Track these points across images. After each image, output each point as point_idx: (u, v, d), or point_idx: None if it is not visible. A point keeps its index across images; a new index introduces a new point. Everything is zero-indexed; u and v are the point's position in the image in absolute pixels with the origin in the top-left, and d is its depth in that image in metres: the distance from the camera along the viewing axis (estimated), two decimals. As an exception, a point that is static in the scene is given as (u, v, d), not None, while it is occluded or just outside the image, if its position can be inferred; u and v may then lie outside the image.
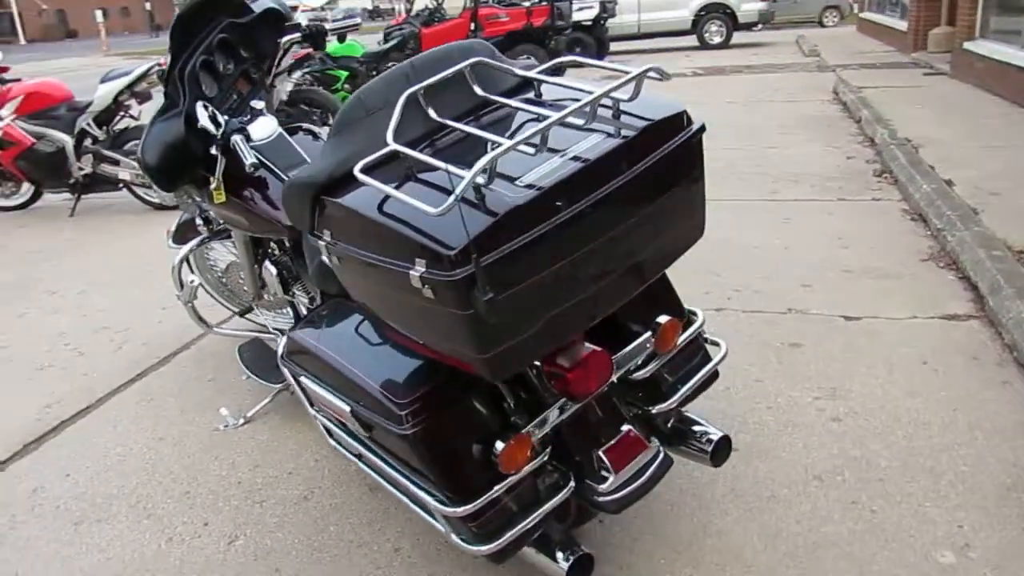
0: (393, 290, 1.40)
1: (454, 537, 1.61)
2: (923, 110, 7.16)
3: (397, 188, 1.38)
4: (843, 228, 4.31)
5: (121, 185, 5.55)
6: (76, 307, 3.95)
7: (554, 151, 1.42)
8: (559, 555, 1.64)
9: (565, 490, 1.66)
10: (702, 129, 1.55)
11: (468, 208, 1.30)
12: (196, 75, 2.39)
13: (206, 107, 2.31)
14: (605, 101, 1.48)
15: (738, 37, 16.15)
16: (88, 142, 5.48)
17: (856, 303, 3.33)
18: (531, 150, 1.41)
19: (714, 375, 1.96)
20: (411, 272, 1.30)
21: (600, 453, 1.70)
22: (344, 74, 9.39)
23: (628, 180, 1.41)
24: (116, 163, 5.44)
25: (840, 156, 5.96)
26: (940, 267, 3.68)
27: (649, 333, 1.77)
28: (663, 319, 1.78)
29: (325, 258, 1.62)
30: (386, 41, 11.85)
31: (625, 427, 1.74)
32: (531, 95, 1.65)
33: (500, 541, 1.58)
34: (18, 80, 5.69)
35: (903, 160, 5.21)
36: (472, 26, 11.68)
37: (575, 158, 1.40)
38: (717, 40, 15.74)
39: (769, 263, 3.86)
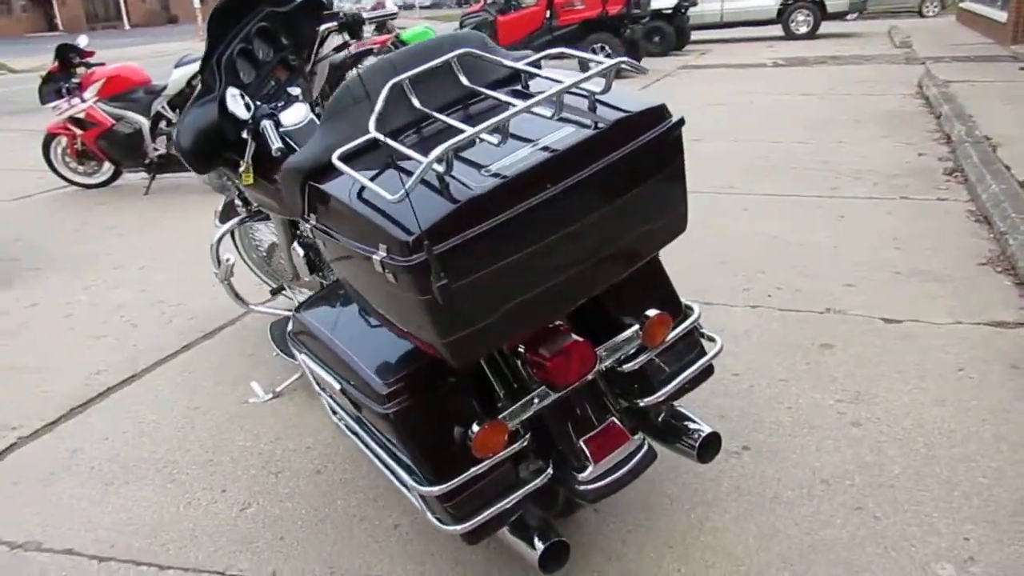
0: (365, 273, 1.45)
1: (429, 515, 1.66)
2: (1010, 107, 6.79)
3: (373, 175, 1.42)
4: (900, 228, 4.15)
5: None
6: (137, 281, 4.16)
7: (528, 141, 1.44)
8: (535, 540, 1.67)
9: (541, 476, 1.69)
10: (680, 123, 1.53)
11: (432, 195, 1.33)
12: (233, 62, 2.49)
13: (241, 94, 2.41)
14: (588, 94, 1.49)
15: (827, 27, 15.60)
16: (163, 124, 5.75)
17: (899, 306, 3.22)
18: (508, 140, 1.43)
19: (708, 371, 1.94)
20: (374, 256, 1.34)
21: (581, 442, 1.71)
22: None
23: (597, 172, 1.41)
24: None
25: (911, 153, 5.72)
26: (997, 272, 3.51)
27: (637, 326, 1.77)
28: (652, 313, 1.78)
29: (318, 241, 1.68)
30: (461, 27, 11.95)
31: (609, 418, 1.75)
32: (519, 86, 1.66)
33: (472, 522, 1.62)
34: (102, 64, 6.00)
35: (976, 159, 4.97)
36: (547, 14, 11.64)
37: (545, 148, 1.41)
38: (803, 30, 15.24)
39: (816, 261, 3.76)
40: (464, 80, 1.61)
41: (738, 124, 7.11)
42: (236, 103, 2.34)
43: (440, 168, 1.33)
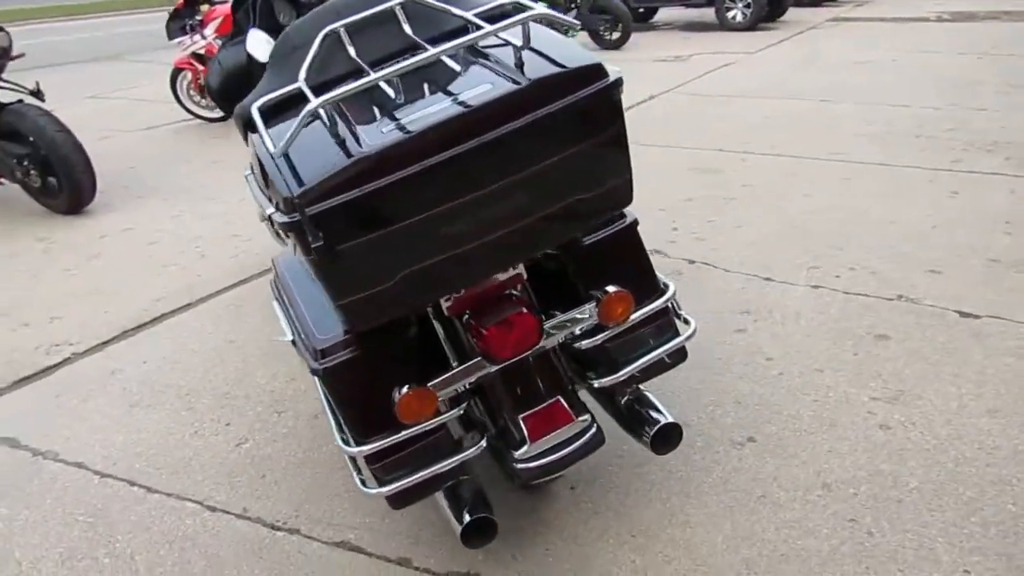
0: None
1: (355, 476, 1.64)
2: None
3: (285, 128, 1.37)
4: (1018, 211, 3.67)
5: None
6: (222, 214, 4.36)
7: (445, 96, 1.34)
8: (464, 513, 1.62)
9: (472, 449, 1.62)
10: (616, 84, 1.38)
11: (325, 152, 1.28)
12: (270, 3, 2.50)
13: (267, 37, 2.42)
14: (517, 48, 1.37)
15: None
16: None
17: (983, 299, 2.86)
18: (427, 94, 1.34)
19: (678, 355, 1.79)
20: (267, 211, 1.31)
21: (520, 418, 1.63)
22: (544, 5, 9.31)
23: (508, 134, 1.30)
24: None
25: (1064, 125, 5.04)
26: (1118, 269, 3.05)
27: (593, 303, 1.65)
28: (611, 289, 1.65)
29: None
30: None
31: (556, 396, 1.65)
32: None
33: (392, 487, 1.58)
34: (224, 1, 6.25)
35: None
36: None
37: (456, 105, 1.31)
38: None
39: (905, 241, 3.40)
40: (408, 30, 1.52)
41: (873, 85, 6.51)
42: (257, 44, 2.35)
43: (322, 117, 1.27)
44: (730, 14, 10.28)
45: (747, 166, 4.62)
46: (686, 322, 1.82)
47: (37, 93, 4.31)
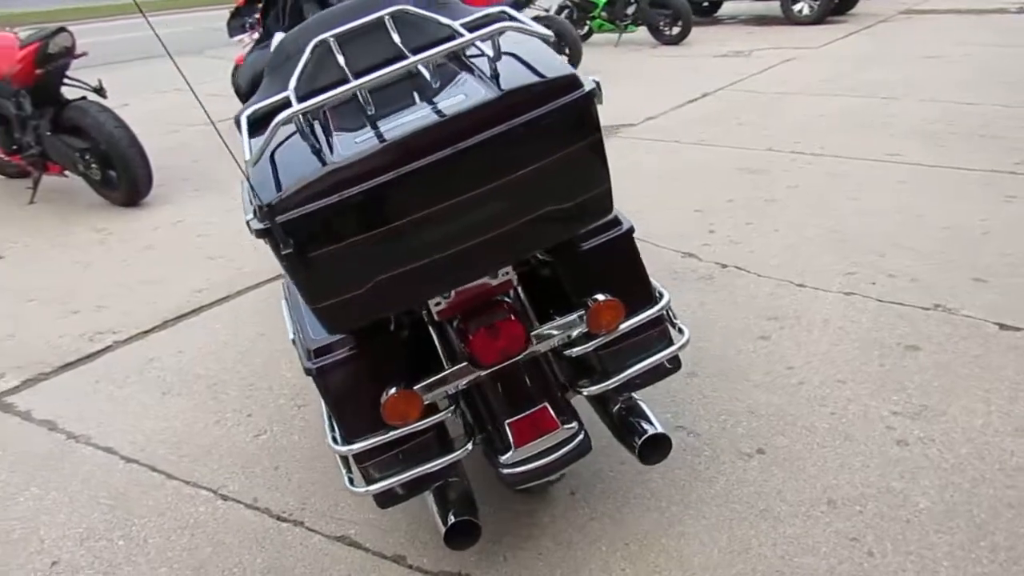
0: None
1: (344, 474, 1.68)
2: None
3: (270, 138, 1.41)
4: (1079, 217, 3.50)
5: None
6: (269, 208, 4.48)
7: (422, 107, 1.36)
8: (449, 515, 1.65)
9: (459, 452, 1.65)
10: (590, 95, 1.37)
11: (300, 161, 1.32)
12: (300, 6, 2.55)
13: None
14: (490, 58, 1.38)
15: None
16: None
17: (1027, 311, 2.74)
18: (407, 105, 1.37)
19: (673, 363, 1.77)
20: (246, 216, 1.35)
21: (507, 424, 1.64)
22: (602, 1, 9.26)
23: (478, 145, 1.31)
24: None
25: None
26: None
27: (581, 312, 1.65)
28: (600, 298, 1.64)
29: None
30: None
31: (542, 403, 1.66)
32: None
33: (377, 486, 1.62)
34: (283, 0, 6.40)
35: None
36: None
37: (429, 116, 1.33)
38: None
39: (952, 248, 3.27)
40: (396, 39, 1.54)
41: (940, 81, 6.26)
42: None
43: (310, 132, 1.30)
44: (796, 7, 10.00)
45: (795, 166, 4.50)
46: (680, 331, 1.80)
47: (100, 90, 4.51)
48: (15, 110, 4.46)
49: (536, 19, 7.44)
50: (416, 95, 1.42)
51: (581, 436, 1.67)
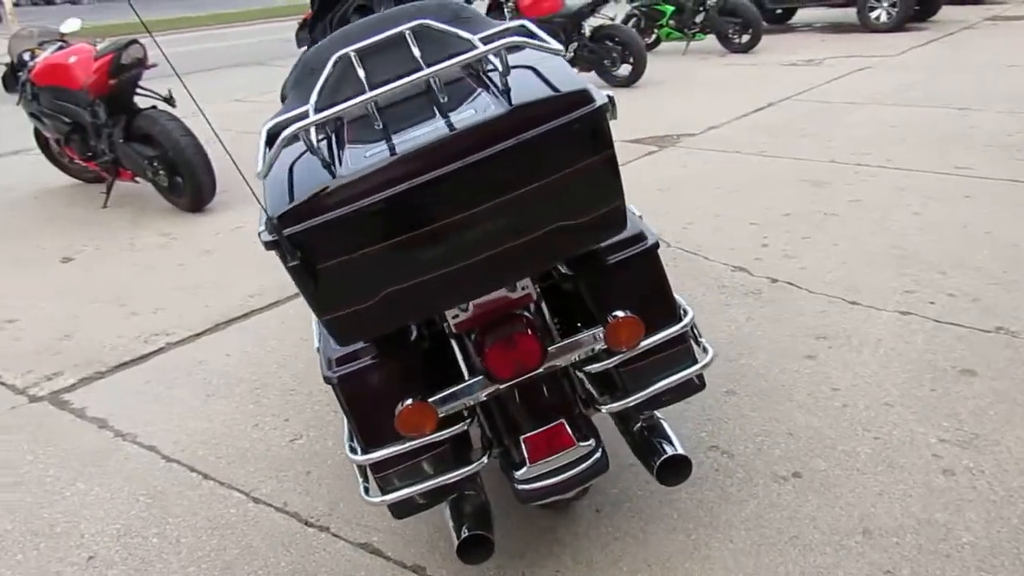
0: None
1: (360, 484, 1.69)
2: None
3: (290, 150, 1.44)
4: None
5: None
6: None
7: (437, 120, 1.36)
8: (463, 528, 1.64)
9: (474, 465, 1.64)
10: (602, 110, 1.34)
11: (310, 174, 1.33)
12: (347, 19, 2.60)
13: None
14: (500, 72, 1.38)
15: None
16: None
17: (1097, 336, 2.58)
18: (421, 116, 1.37)
19: (692, 384, 1.72)
20: (259, 227, 1.38)
21: (522, 439, 1.63)
22: (670, 9, 9.17)
23: (485, 160, 1.30)
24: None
25: None
26: None
27: (600, 328, 1.62)
28: (620, 314, 1.61)
29: None
30: None
31: (559, 419, 1.64)
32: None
33: (391, 496, 1.63)
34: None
35: None
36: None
37: (443, 129, 1.33)
38: None
39: (1018, 268, 3.11)
40: (417, 54, 1.55)
41: (1022, 92, 5.97)
42: None
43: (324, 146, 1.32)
44: (873, 14, 9.69)
45: (859, 179, 4.35)
46: (704, 350, 1.75)
47: (169, 100, 4.68)
48: (90, 118, 4.67)
49: (601, 28, 7.42)
50: (431, 110, 1.43)
51: (598, 455, 1.64)
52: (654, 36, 9.50)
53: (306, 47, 6.41)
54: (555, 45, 1.40)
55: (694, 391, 1.74)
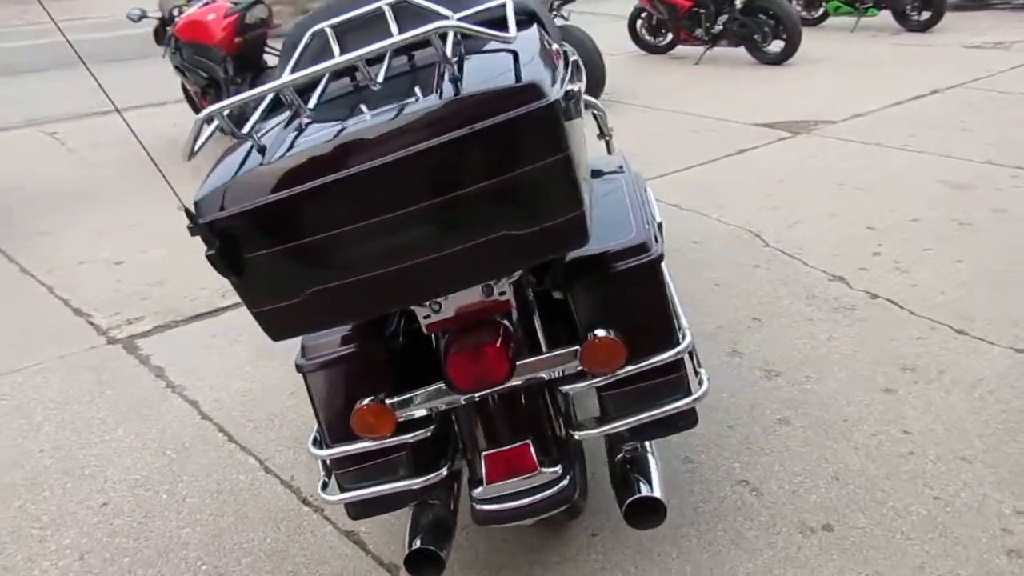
0: None
1: (319, 479, 1.64)
2: None
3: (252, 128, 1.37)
4: None
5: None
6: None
7: (377, 110, 1.25)
8: (416, 539, 1.55)
9: (431, 475, 1.54)
10: (552, 107, 1.16)
11: (239, 161, 1.26)
12: None
13: None
14: (455, 61, 1.23)
15: None
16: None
17: None
18: (366, 103, 1.27)
19: (685, 418, 1.52)
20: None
21: (484, 456, 1.51)
22: (843, -17, 8.40)
23: (413, 155, 1.16)
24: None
25: None
26: None
27: (576, 347, 1.45)
28: (600, 334, 1.44)
29: None
30: None
31: (526, 439, 1.50)
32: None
33: (344, 496, 1.57)
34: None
35: None
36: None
37: (377, 120, 1.21)
38: None
39: None
40: (394, 30, 1.42)
41: None
42: None
43: (216, 123, 1.24)
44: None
45: (1012, 186, 3.80)
46: (700, 382, 1.55)
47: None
48: (223, 74, 4.89)
49: (753, 0, 6.91)
50: (388, 98, 1.31)
51: (564, 483, 1.49)
52: (821, 10, 8.78)
53: None
54: (497, 33, 1.24)
55: (683, 427, 1.54)
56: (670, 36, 7.72)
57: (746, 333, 2.67)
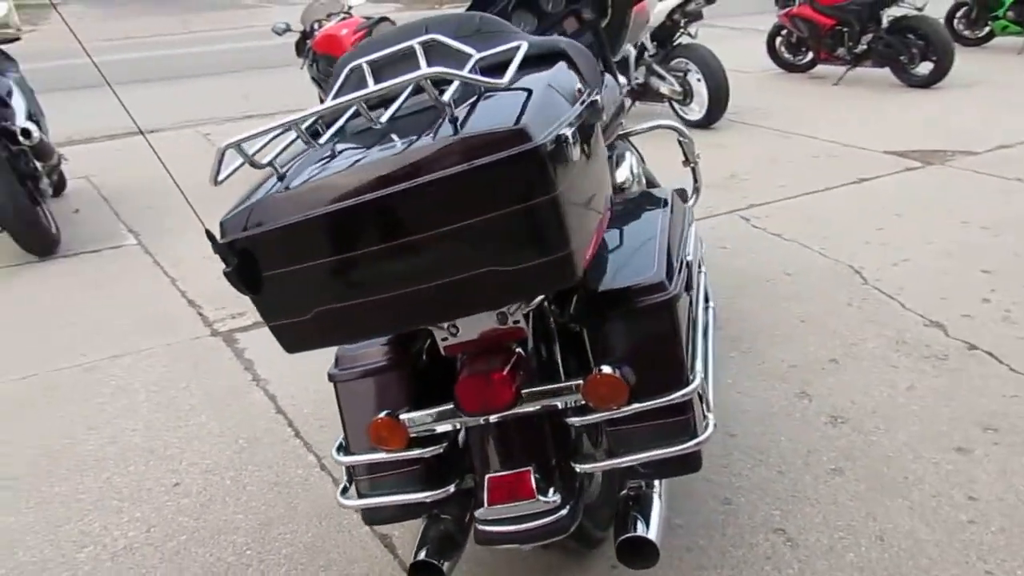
0: None
1: (341, 483, 1.74)
2: None
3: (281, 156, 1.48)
4: None
5: (664, 100, 5.98)
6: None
7: (391, 146, 1.32)
8: (421, 550, 1.61)
9: (440, 491, 1.60)
10: (537, 151, 1.18)
11: (261, 186, 1.37)
12: (508, 13, 2.59)
13: None
14: (449, 104, 1.29)
15: None
16: (646, 55, 5.99)
17: None
18: (384, 138, 1.34)
19: (688, 461, 1.49)
20: None
21: (487, 478, 1.55)
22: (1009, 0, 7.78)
23: (410, 191, 1.22)
24: (661, 78, 5.86)
25: None
26: None
27: (579, 380, 1.47)
28: (605, 370, 1.44)
29: None
30: None
31: (529, 466, 1.53)
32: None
33: (359, 502, 1.66)
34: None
35: None
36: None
37: (385, 156, 1.28)
38: None
39: None
40: (423, 66, 1.49)
41: None
42: None
43: (241, 157, 1.34)
44: None
45: None
46: (707, 425, 1.51)
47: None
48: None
49: (902, 19, 6.53)
50: (397, 132, 1.38)
51: (562, 513, 1.51)
52: (987, 29, 8.16)
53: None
54: (486, 80, 1.28)
55: (685, 470, 1.52)
56: (810, 55, 7.41)
57: (820, 375, 2.56)
